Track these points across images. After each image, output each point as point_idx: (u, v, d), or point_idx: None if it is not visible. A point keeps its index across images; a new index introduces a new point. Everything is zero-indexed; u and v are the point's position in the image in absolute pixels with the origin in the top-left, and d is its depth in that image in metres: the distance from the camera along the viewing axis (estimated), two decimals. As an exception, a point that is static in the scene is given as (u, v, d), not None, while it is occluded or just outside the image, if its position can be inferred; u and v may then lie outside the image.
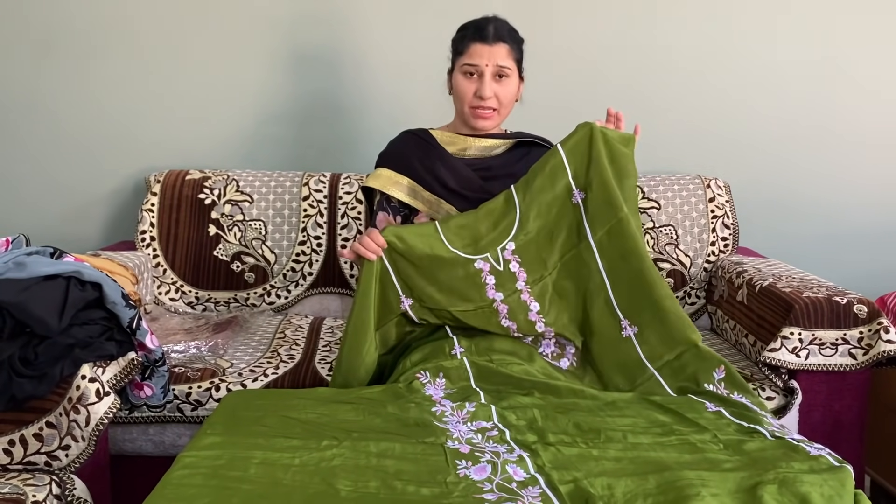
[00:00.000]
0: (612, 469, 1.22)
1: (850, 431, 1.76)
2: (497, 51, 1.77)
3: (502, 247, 1.67)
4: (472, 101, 1.79)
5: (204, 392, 1.70)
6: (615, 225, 1.65)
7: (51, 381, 1.34)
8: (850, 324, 1.72)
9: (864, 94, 2.47)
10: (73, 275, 1.42)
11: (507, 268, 1.67)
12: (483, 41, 1.78)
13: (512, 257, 1.67)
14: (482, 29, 1.79)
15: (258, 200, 2.25)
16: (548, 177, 1.68)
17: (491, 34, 1.78)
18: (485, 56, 1.77)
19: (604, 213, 1.66)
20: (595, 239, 1.67)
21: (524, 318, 1.66)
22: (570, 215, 1.69)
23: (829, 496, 1.13)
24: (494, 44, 1.78)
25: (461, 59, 1.80)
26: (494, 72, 1.78)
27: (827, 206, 2.51)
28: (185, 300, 2.22)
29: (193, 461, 1.18)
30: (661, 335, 1.62)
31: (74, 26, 2.39)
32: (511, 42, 1.81)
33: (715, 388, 1.56)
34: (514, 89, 1.83)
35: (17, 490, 1.24)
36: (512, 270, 1.67)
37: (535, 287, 1.67)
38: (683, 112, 2.46)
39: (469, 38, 1.80)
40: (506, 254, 1.67)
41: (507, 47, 1.79)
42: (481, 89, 1.77)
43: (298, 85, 2.44)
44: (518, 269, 1.68)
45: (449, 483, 1.17)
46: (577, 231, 1.69)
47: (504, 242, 1.67)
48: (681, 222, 2.25)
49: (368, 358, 1.62)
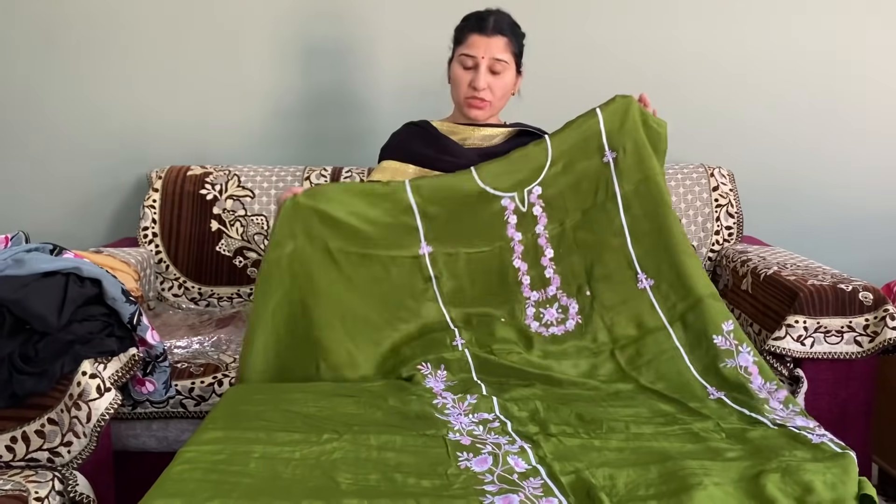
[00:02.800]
0: (614, 459, 1.22)
1: (856, 419, 1.75)
2: (494, 43, 1.78)
3: (529, 189, 1.71)
4: (467, 91, 1.81)
5: (207, 387, 1.70)
6: (642, 181, 1.70)
7: (51, 378, 1.35)
8: (856, 311, 1.70)
9: (869, 81, 2.44)
10: (72, 271, 1.42)
11: (531, 210, 1.71)
12: (481, 32, 1.79)
13: (537, 201, 1.71)
14: (483, 20, 1.80)
15: (260, 195, 2.25)
16: (582, 133, 1.72)
17: (490, 26, 1.79)
18: (481, 48, 1.78)
19: (633, 171, 1.71)
20: (622, 193, 1.71)
21: (536, 261, 1.70)
22: (600, 171, 1.73)
23: (832, 483, 1.13)
24: (492, 36, 1.78)
25: (459, 48, 1.82)
26: (490, 64, 1.78)
27: (832, 194, 2.49)
28: (188, 296, 2.23)
29: (194, 456, 1.18)
30: (675, 287, 1.63)
31: (75, 21, 2.39)
32: (510, 35, 1.81)
33: (723, 340, 1.54)
34: (510, 83, 1.83)
35: (19, 487, 1.25)
36: (535, 213, 1.71)
37: (554, 233, 1.71)
38: (687, 101, 2.44)
39: (468, 29, 1.81)
40: (531, 197, 1.71)
41: (506, 40, 1.80)
42: (476, 80, 1.78)
43: (299, 80, 2.44)
44: (541, 213, 1.72)
45: (450, 475, 1.16)
46: (605, 186, 1.72)
47: (532, 185, 1.71)
48: (684, 211, 2.24)
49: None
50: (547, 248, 1.71)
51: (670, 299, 1.63)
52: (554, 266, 1.70)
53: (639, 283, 1.66)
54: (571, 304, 1.69)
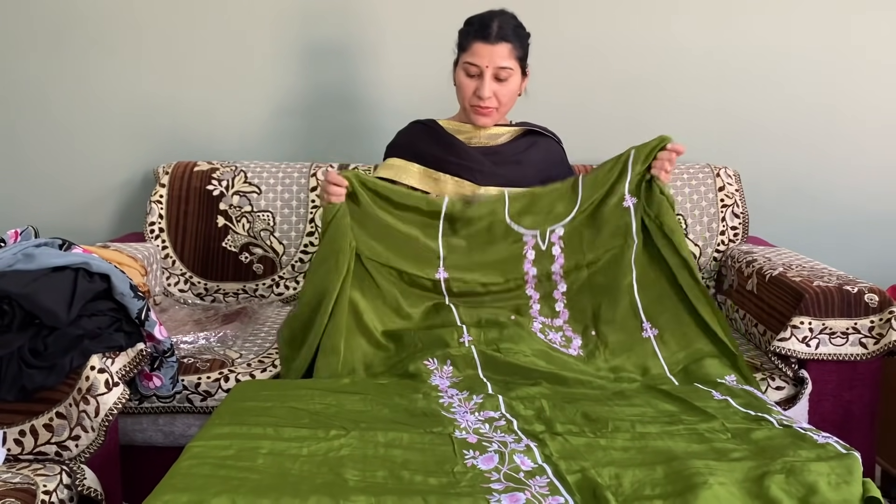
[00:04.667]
0: (620, 459, 1.22)
1: (860, 421, 1.75)
2: (498, 51, 1.77)
3: (552, 229, 1.74)
4: (472, 99, 1.81)
5: (213, 383, 1.70)
6: (656, 230, 1.71)
7: (60, 372, 1.35)
8: (861, 313, 1.70)
9: (876, 80, 2.44)
10: (81, 266, 1.42)
11: (550, 249, 1.74)
12: (485, 40, 1.77)
13: (557, 241, 1.74)
14: (486, 27, 1.78)
15: (266, 191, 2.26)
16: (611, 176, 1.75)
17: (494, 33, 1.76)
18: (485, 57, 1.77)
19: (649, 217, 1.73)
20: (638, 241, 1.72)
21: (549, 294, 1.73)
22: (620, 217, 1.74)
23: (836, 484, 1.13)
24: (496, 44, 1.77)
25: (464, 55, 1.81)
26: (494, 73, 1.78)
27: (838, 194, 2.49)
28: (194, 291, 2.23)
29: (202, 451, 1.19)
30: (679, 340, 1.67)
31: (83, 19, 2.40)
32: (514, 40, 1.79)
33: (725, 389, 1.55)
34: (515, 87, 1.83)
35: (27, 480, 1.25)
36: (553, 253, 1.74)
37: (570, 274, 1.74)
38: (693, 100, 2.44)
39: (472, 36, 1.79)
40: (553, 236, 1.74)
41: (510, 46, 1.78)
42: (480, 89, 1.78)
43: (306, 76, 2.44)
44: (559, 253, 1.74)
45: (456, 473, 1.17)
46: (623, 232, 1.74)
47: (555, 225, 1.74)
48: (690, 211, 2.24)
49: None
50: (560, 283, 1.75)
51: (672, 349, 1.66)
52: (564, 300, 1.74)
53: (643, 332, 1.68)
54: (576, 339, 1.71)
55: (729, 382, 1.57)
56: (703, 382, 1.58)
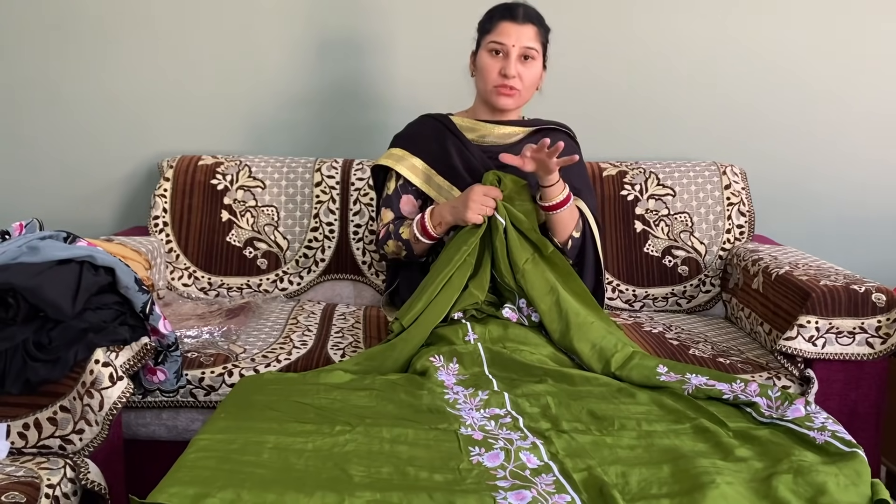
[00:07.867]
0: (627, 457, 1.22)
1: (866, 421, 1.75)
2: (525, 31, 1.78)
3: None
4: (496, 79, 1.79)
5: (217, 377, 1.70)
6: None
7: (65, 366, 1.35)
8: (868, 312, 1.70)
9: (882, 77, 2.43)
10: (86, 259, 1.42)
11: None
12: (513, 20, 1.78)
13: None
14: (512, 10, 1.81)
15: (270, 186, 2.25)
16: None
17: (521, 14, 1.79)
18: (513, 35, 1.77)
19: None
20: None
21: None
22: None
23: (845, 485, 1.13)
24: (524, 24, 1.78)
25: (488, 36, 1.80)
26: (521, 52, 1.78)
27: (844, 193, 2.48)
28: (198, 286, 2.23)
29: (208, 444, 1.18)
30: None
31: (88, 11, 2.39)
32: (539, 25, 1.82)
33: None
34: (537, 74, 1.83)
35: (31, 473, 1.25)
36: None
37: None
38: (699, 98, 2.43)
39: (498, 17, 1.81)
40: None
41: (536, 29, 1.80)
42: (506, 67, 1.77)
43: (312, 71, 2.43)
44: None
45: (462, 469, 1.16)
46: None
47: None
48: (696, 209, 2.23)
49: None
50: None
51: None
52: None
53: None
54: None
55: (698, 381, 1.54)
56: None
